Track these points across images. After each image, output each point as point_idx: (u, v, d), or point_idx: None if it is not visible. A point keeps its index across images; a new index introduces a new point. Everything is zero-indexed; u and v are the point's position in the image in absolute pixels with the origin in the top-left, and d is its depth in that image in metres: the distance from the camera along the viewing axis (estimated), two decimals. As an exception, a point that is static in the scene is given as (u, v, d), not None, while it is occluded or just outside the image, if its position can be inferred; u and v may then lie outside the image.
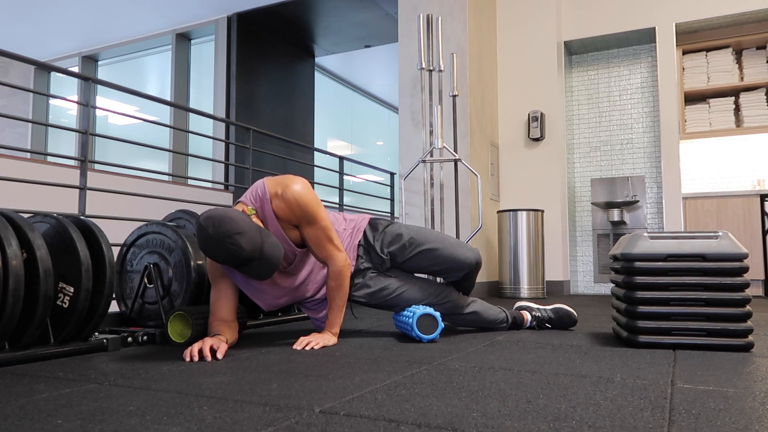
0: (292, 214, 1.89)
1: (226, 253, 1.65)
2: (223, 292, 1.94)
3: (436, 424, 0.99)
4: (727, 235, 1.83)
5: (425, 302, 2.16)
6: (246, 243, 1.65)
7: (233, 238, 1.63)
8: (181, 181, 5.87)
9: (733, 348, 1.78)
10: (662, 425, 0.98)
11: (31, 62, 2.48)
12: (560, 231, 5.03)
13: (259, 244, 1.68)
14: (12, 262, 1.57)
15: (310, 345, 1.90)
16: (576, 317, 2.38)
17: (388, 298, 2.15)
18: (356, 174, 7.77)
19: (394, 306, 2.17)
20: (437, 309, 2.16)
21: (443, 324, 2.07)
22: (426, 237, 2.16)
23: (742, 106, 4.96)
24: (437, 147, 4.09)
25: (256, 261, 1.69)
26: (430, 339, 2.02)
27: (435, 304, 2.17)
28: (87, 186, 2.53)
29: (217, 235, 1.64)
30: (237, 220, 1.67)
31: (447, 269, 2.16)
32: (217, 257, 1.68)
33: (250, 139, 3.64)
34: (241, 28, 6.53)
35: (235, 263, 1.69)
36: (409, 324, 2.05)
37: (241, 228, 1.65)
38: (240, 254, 1.65)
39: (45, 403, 1.17)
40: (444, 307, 2.20)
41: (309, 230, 1.93)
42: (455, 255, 2.13)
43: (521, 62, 5.28)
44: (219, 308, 1.93)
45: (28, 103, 7.95)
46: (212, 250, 1.67)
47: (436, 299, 2.18)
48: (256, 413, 1.07)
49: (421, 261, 2.14)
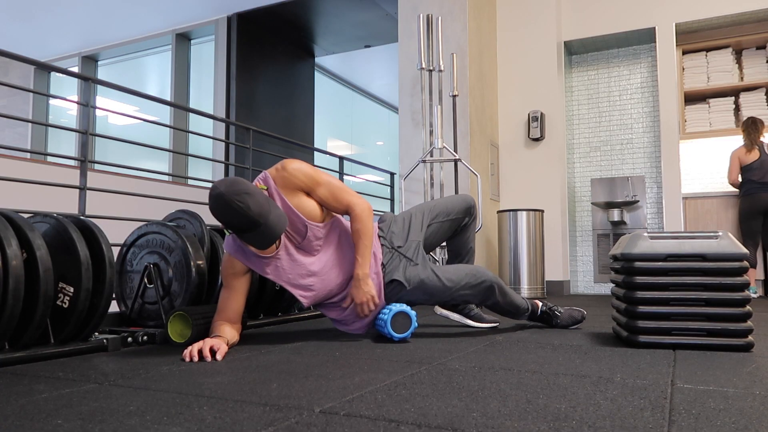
0: (299, 182, 1.96)
1: (233, 211, 1.70)
2: (234, 293, 1.97)
3: (436, 424, 0.99)
4: (727, 235, 1.83)
5: (464, 283, 2.14)
6: (254, 205, 1.72)
7: (242, 196, 1.71)
8: (181, 181, 5.87)
9: (733, 348, 1.77)
10: (662, 425, 0.98)
11: (31, 62, 2.48)
12: (560, 231, 5.03)
13: (266, 210, 1.75)
14: (12, 262, 1.57)
15: (366, 305, 2.03)
16: (584, 313, 2.43)
17: (429, 284, 2.13)
18: (356, 174, 7.77)
19: (434, 292, 2.15)
20: (476, 291, 2.15)
21: (416, 324, 2.06)
22: (422, 209, 2.33)
23: (742, 106, 4.96)
24: (437, 147, 4.09)
25: (261, 227, 1.73)
26: (401, 338, 2.01)
27: (474, 285, 2.15)
28: (87, 186, 2.53)
29: (228, 193, 1.70)
30: (248, 183, 1.77)
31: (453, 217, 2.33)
32: (224, 216, 1.73)
33: (250, 139, 3.64)
34: (241, 28, 6.53)
35: (239, 225, 1.73)
36: (383, 320, 2.03)
37: (250, 190, 1.74)
38: (246, 214, 1.70)
39: (45, 403, 1.16)
40: (481, 288, 2.16)
41: (320, 190, 1.99)
42: (451, 207, 2.34)
43: (521, 62, 5.28)
44: (227, 308, 1.96)
45: (28, 103, 7.95)
46: (220, 209, 1.72)
47: (474, 280, 2.15)
48: (256, 413, 1.07)
49: (434, 229, 2.31)
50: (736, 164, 4.59)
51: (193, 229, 2.46)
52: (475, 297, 2.18)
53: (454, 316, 2.47)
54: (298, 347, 1.95)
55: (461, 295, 2.16)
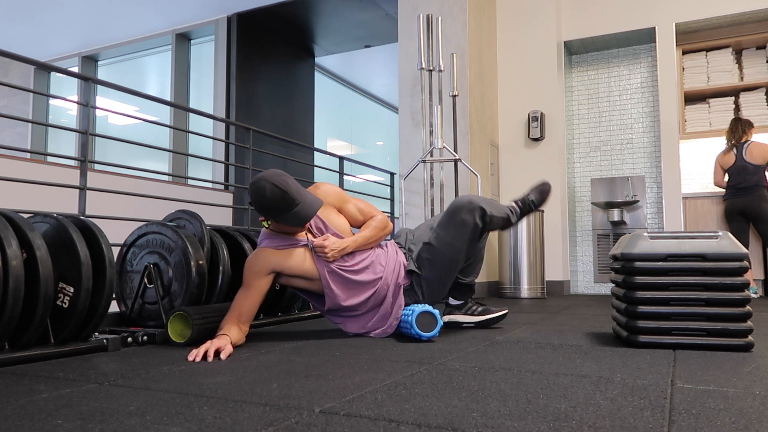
0: (331, 198, 2.21)
1: (275, 192, 1.91)
2: (251, 293, 2.03)
3: (436, 424, 0.99)
4: (727, 234, 1.83)
5: (452, 218, 2.21)
6: (293, 188, 1.95)
7: (283, 179, 1.95)
8: (181, 181, 5.87)
9: (733, 348, 1.77)
10: (662, 425, 0.98)
11: (31, 62, 2.48)
12: (560, 231, 5.03)
13: (303, 191, 1.98)
14: (12, 262, 1.57)
15: (326, 248, 2.08)
16: (548, 182, 2.48)
17: (433, 242, 2.23)
18: (356, 174, 7.76)
19: (441, 248, 2.22)
20: (461, 211, 2.20)
21: (442, 321, 2.07)
22: (428, 228, 2.34)
23: (742, 106, 4.96)
24: (437, 147, 4.09)
25: (300, 205, 1.94)
26: (430, 337, 2.02)
27: (460, 209, 2.21)
28: (87, 186, 2.53)
29: (270, 177, 1.94)
30: (288, 174, 2.01)
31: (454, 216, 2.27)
32: (264, 196, 1.92)
33: (250, 139, 3.63)
34: (241, 28, 6.53)
35: (281, 205, 1.92)
36: (408, 322, 2.05)
37: (290, 178, 1.99)
38: (287, 193, 1.92)
39: (45, 403, 1.16)
40: (470, 207, 2.22)
41: (348, 206, 2.25)
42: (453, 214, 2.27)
43: (521, 62, 5.28)
44: (241, 307, 2.00)
45: (28, 103, 7.95)
46: (262, 191, 1.92)
47: (456, 206, 2.23)
48: (256, 413, 1.07)
49: None
50: (718, 167, 4.67)
51: (193, 229, 2.46)
52: (472, 225, 2.21)
53: (461, 318, 2.47)
54: (298, 347, 1.95)
55: (461, 227, 2.20)
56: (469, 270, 2.43)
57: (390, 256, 2.24)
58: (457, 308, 2.49)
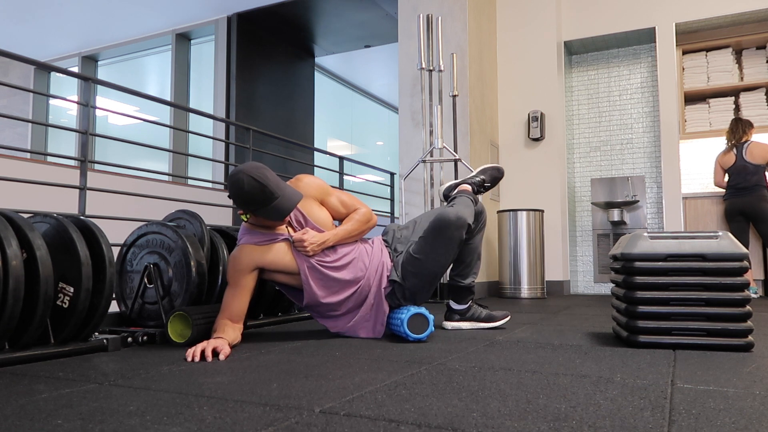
0: (312, 191, 2.16)
1: (253, 185, 1.89)
2: (239, 291, 2.01)
3: (436, 424, 0.99)
4: (727, 235, 1.83)
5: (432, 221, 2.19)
6: (272, 181, 1.92)
7: (262, 171, 1.93)
8: (181, 181, 5.87)
9: (733, 348, 1.77)
10: (662, 425, 0.98)
11: (31, 62, 2.48)
12: (560, 231, 5.03)
13: (282, 185, 1.96)
14: (12, 262, 1.57)
15: (304, 241, 2.04)
16: (501, 167, 2.54)
17: (413, 252, 2.18)
18: (356, 174, 7.76)
19: (423, 259, 2.16)
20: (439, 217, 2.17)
21: (433, 328, 2.06)
22: (427, 216, 2.33)
23: (742, 106, 4.96)
24: (437, 147, 4.09)
25: (279, 199, 1.93)
26: (417, 339, 2.01)
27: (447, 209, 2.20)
28: (87, 186, 2.53)
29: (249, 169, 1.92)
30: (268, 167, 1.98)
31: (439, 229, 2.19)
32: (245, 193, 1.90)
33: (250, 139, 3.64)
34: (241, 28, 6.53)
35: (259, 198, 1.90)
36: (400, 319, 2.04)
37: (269, 171, 1.96)
38: (266, 186, 1.90)
39: (45, 403, 1.16)
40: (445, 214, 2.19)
41: (331, 199, 2.21)
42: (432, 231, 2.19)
43: (521, 62, 5.28)
44: (232, 307, 1.99)
45: (28, 103, 7.95)
46: (241, 184, 1.90)
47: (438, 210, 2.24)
48: (256, 413, 1.07)
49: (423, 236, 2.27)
50: (718, 167, 4.68)
51: (193, 229, 2.46)
52: (459, 240, 2.18)
53: (465, 325, 2.42)
54: (298, 347, 1.95)
55: (449, 243, 2.16)
56: (466, 271, 2.38)
57: (374, 255, 2.19)
58: (460, 314, 2.42)
